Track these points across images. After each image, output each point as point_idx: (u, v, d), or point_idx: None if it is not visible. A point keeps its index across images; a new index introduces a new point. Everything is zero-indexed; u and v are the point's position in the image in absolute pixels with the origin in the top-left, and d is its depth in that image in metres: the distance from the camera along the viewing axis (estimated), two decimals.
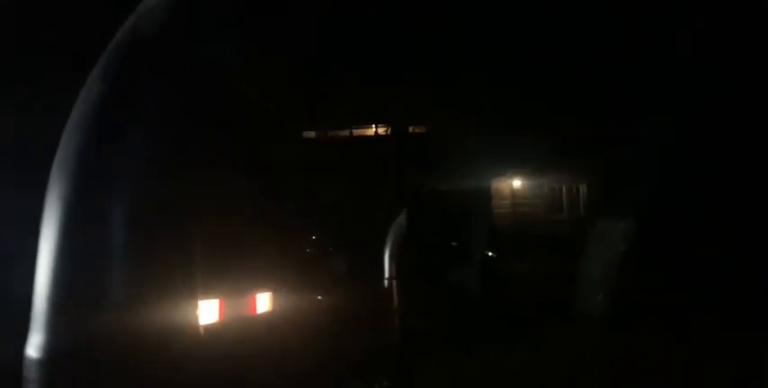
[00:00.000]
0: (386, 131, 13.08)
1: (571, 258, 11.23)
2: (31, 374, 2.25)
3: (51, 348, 2.24)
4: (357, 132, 13.34)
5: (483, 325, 8.84)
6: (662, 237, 11.42)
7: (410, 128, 13.33)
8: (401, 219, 7.67)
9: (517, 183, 15.15)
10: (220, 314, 5.83)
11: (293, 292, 6.92)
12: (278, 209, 8.82)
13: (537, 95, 12.47)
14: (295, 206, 10.29)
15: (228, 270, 5.95)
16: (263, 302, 6.44)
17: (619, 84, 11.21)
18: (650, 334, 8.07)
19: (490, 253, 12.85)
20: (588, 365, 7.03)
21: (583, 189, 14.78)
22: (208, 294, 5.44)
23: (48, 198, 2.28)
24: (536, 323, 8.99)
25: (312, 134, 13.20)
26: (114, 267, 2.33)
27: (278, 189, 9.18)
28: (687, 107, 10.22)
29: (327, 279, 8.68)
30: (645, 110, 10.89)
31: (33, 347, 2.27)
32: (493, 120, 12.86)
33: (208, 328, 5.44)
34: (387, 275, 7.71)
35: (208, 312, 5.52)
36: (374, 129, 13.28)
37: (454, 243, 12.54)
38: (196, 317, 5.01)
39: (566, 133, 12.92)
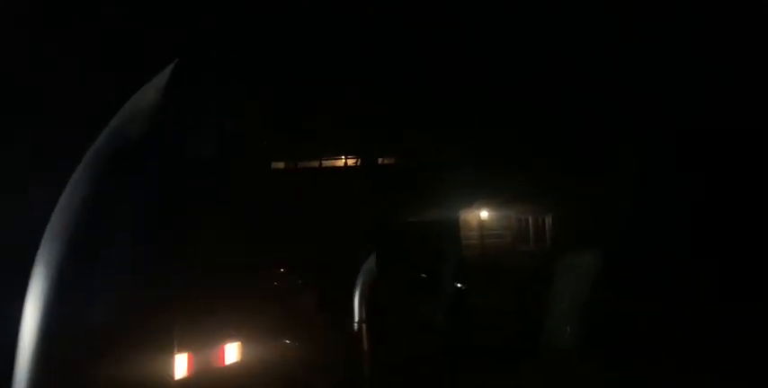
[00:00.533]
0: (356, 163, 13.11)
1: (539, 289, 11.38)
2: None
3: None
4: (327, 163, 13.33)
5: (456, 360, 8.82)
6: (629, 268, 11.70)
7: (380, 160, 13.40)
8: (371, 262, 7.56)
9: (485, 215, 15.33)
10: (189, 369, 5.66)
11: (262, 338, 6.73)
12: (246, 246, 8.66)
13: (505, 129, 12.73)
14: (263, 241, 10.13)
15: (199, 320, 5.80)
16: (232, 352, 6.25)
17: (584, 120, 11.50)
18: (619, 365, 8.18)
19: (459, 285, 12.88)
20: None
21: (548, 220, 15.05)
22: (179, 347, 5.30)
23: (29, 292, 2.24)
24: (507, 355, 9.01)
25: (282, 165, 13.13)
26: (98, 330, 2.31)
27: (248, 225, 9.04)
28: (650, 141, 10.53)
29: (296, 320, 8.53)
30: (609, 143, 11.20)
31: None
32: (461, 153, 13.05)
33: (178, 384, 5.27)
34: (356, 318, 7.57)
35: (178, 367, 5.36)
36: (344, 161, 13.30)
37: (424, 275, 12.55)
38: (173, 374, 4.88)
39: (532, 166, 13.20)
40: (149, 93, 2.19)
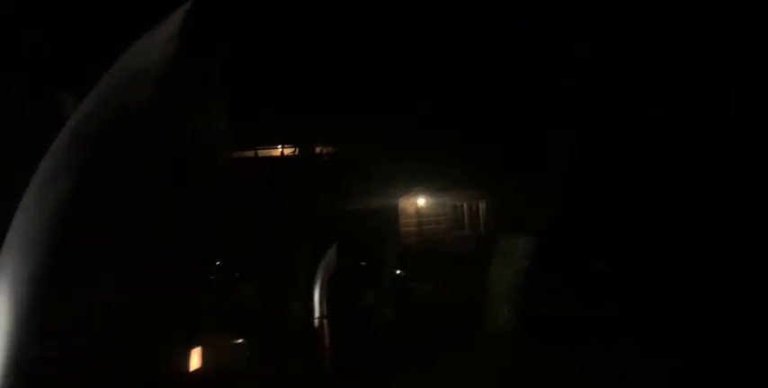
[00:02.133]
0: (293, 152, 12.84)
1: (474, 273, 11.60)
2: None
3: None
4: (263, 153, 12.98)
5: (410, 349, 8.73)
6: (562, 253, 12.20)
7: (318, 149, 13.21)
8: (331, 255, 7.34)
9: (421, 202, 15.52)
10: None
11: (217, 340, 6.30)
12: (188, 241, 8.17)
13: (440, 117, 12.89)
14: (202, 234, 9.68)
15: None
16: (194, 358, 5.40)
17: (516, 107, 11.70)
18: (554, 349, 8.36)
19: (399, 272, 12.96)
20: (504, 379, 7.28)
21: (482, 206, 15.46)
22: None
23: None
24: (452, 342, 9.08)
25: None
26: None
27: (189, 218, 8.57)
28: (583, 128, 10.72)
29: (250, 317, 8.16)
30: (541, 130, 11.33)
31: None
32: (397, 142, 13.10)
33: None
34: (317, 314, 7.30)
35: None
36: (280, 150, 12.99)
37: (363, 263, 12.52)
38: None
39: (466, 153, 13.48)
40: (155, 45, 1.79)
